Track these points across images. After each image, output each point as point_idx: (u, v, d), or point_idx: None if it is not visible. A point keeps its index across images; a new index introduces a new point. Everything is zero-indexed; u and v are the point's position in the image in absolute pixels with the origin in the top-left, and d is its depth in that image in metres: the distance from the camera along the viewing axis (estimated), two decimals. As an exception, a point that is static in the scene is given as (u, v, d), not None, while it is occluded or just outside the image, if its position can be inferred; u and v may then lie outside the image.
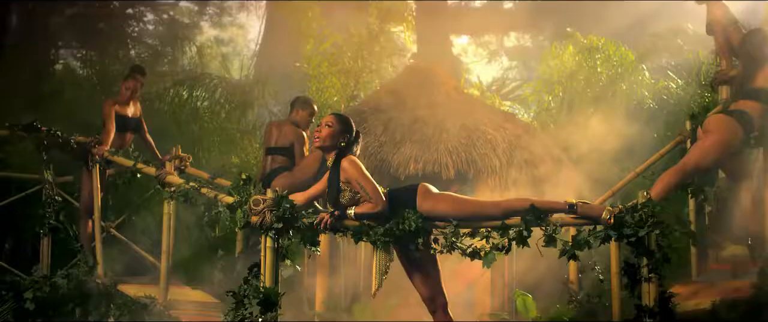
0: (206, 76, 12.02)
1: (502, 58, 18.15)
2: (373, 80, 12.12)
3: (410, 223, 4.97)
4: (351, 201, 5.01)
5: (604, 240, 4.96)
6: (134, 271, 8.31)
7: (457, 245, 5.05)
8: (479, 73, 16.99)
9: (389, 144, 8.65)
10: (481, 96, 12.05)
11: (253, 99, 12.10)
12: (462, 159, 8.37)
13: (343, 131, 5.07)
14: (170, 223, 7.35)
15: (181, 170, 7.97)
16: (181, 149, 7.99)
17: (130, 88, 7.86)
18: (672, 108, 10.33)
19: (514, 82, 17.47)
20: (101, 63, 12.94)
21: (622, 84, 10.60)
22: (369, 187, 4.92)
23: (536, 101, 12.36)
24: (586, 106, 10.76)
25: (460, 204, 5.05)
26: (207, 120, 11.50)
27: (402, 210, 4.98)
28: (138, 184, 7.94)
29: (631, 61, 10.98)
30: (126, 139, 7.92)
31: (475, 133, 8.70)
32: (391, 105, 9.28)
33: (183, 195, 6.71)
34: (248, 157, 11.17)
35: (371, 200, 4.92)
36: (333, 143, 5.07)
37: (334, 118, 5.10)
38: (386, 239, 5.00)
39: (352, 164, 4.97)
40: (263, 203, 5.05)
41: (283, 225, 5.03)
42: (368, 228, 5.02)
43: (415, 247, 5.02)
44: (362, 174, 4.96)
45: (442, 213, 5.01)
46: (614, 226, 4.91)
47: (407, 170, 8.39)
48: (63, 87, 12.58)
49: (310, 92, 11.62)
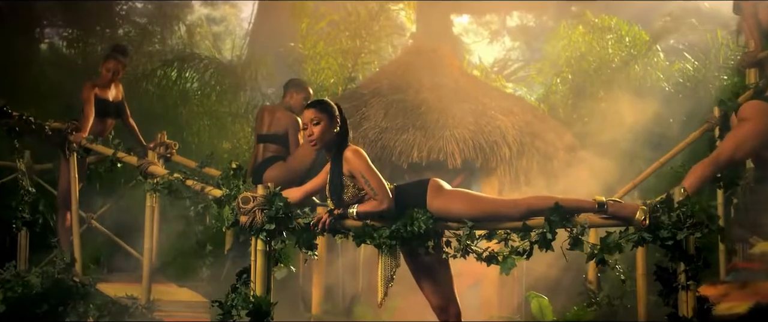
0: (196, 57, 11.43)
1: (504, 39, 17.55)
2: (372, 61, 11.58)
3: (420, 224, 4.40)
4: (354, 198, 4.45)
5: (637, 244, 4.42)
6: (119, 267, 7.86)
7: (472, 248, 4.51)
8: (480, 54, 16.42)
9: (391, 130, 8.08)
10: (485, 78, 11.44)
11: (246, 81, 11.58)
12: (469, 147, 7.80)
13: (332, 117, 4.51)
14: (154, 217, 6.82)
15: (166, 158, 7.57)
16: (166, 135, 7.54)
17: (110, 70, 7.30)
18: (688, 92, 9.78)
19: (516, 63, 16.90)
20: (85, 42, 12.31)
21: (635, 66, 10.01)
22: (375, 182, 4.36)
23: (543, 84, 11.87)
24: (596, 90, 10.21)
25: (475, 203, 4.48)
26: (196, 103, 11.02)
27: (410, 209, 4.42)
28: (123, 170, 7.41)
29: (644, 42, 10.41)
30: (106, 124, 7.39)
31: (483, 118, 8.12)
32: (392, 88, 8.69)
33: (166, 187, 6.16)
34: (240, 142, 10.73)
35: (376, 197, 4.35)
36: (331, 136, 4.50)
37: (316, 111, 4.50)
38: (392, 242, 4.43)
39: (357, 156, 4.41)
40: (253, 200, 4.48)
41: (275, 226, 4.45)
42: (372, 230, 4.45)
43: (425, 251, 4.46)
44: (368, 167, 4.39)
45: (456, 213, 4.45)
46: (649, 227, 4.35)
47: (410, 158, 7.84)
48: (45, 68, 12.02)
49: (305, 74, 11.16)
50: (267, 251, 4.51)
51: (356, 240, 4.49)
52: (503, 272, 4.50)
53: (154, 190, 6.33)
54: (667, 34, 11.37)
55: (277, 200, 4.48)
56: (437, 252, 4.54)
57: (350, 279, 7.47)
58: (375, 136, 8.01)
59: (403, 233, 4.41)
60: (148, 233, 6.45)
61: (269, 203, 4.46)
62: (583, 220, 4.43)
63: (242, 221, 4.48)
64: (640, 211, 4.36)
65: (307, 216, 4.53)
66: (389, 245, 4.43)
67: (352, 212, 4.42)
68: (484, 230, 4.50)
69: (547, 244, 4.43)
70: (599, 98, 10.11)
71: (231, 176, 6.67)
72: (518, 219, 4.45)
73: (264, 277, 4.49)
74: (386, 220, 4.42)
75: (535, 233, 4.43)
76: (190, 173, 6.11)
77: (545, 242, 4.43)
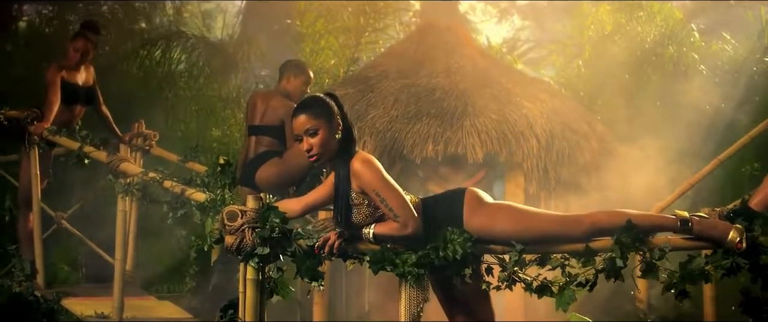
0: (183, 35, 10.48)
1: (514, 18, 16.53)
2: (377, 41, 10.67)
3: (455, 248, 3.45)
4: (369, 218, 3.48)
5: (730, 271, 3.47)
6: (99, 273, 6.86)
7: (520, 276, 3.54)
8: (488, 34, 15.47)
9: (401, 119, 7.08)
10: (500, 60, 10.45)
11: (237, 62, 10.73)
12: (492, 138, 6.79)
13: (331, 120, 3.51)
14: (129, 222, 5.89)
15: (145, 151, 6.64)
16: (149, 121, 6.89)
17: (79, 50, 6.38)
18: (727, 76, 8.83)
19: (526, 43, 15.92)
20: (64, 19, 11.32)
21: (670, 47, 9.04)
22: (395, 200, 3.39)
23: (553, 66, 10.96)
24: (624, 73, 9.26)
25: (526, 219, 3.53)
26: (183, 86, 10.22)
27: (443, 228, 3.46)
28: (99, 163, 6.48)
29: (677, 21, 9.44)
30: (75, 112, 6.52)
31: (508, 106, 7.12)
32: (402, 71, 7.67)
33: (141, 190, 5.22)
34: (231, 130, 9.95)
35: (398, 219, 3.38)
36: (334, 145, 3.51)
37: (309, 117, 3.47)
38: (420, 272, 3.47)
39: (368, 167, 3.43)
40: (242, 216, 3.50)
41: (270, 250, 3.47)
42: (394, 255, 3.48)
43: (461, 280, 3.50)
44: (383, 181, 3.42)
45: (501, 233, 3.50)
46: (746, 252, 3.41)
47: (424, 152, 6.84)
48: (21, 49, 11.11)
49: (303, 54, 10.19)
50: (259, 281, 3.53)
51: (373, 267, 3.53)
52: (560, 308, 3.54)
53: (125, 192, 5.38)
54: (703, 12, 10.35)
55: (272, 215, 3.50)
56: (476, 282, 3.58)
57: (356, 298, 6.52)
58: (383, 127, 7.02)
59: (434, 259, 3.45)
60: (120, 243, 5.48)
61: (262, 219, 3.49)
62: (663, 242, 3.49)
63: (228, 242, 3.50)
64: (735, 231, 3.42)
65: (311, 236, 3.56)
66: (416, 274, 3.47)
67: (368, 232, 3.46)
68: (536, 253, 3.54)
69: (615, 272, 3.50)
70: (626, 82, 9.17)
71: (218, 174, 5.78)
72: (580, 240, 3.50)
73: (255, 313, 3.52)
74: (412, 242, 3.46)
75: (601, 257, 3.49)
76: (168, 174, 5.15)
77: (614, 269, 3.49)
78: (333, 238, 3.49)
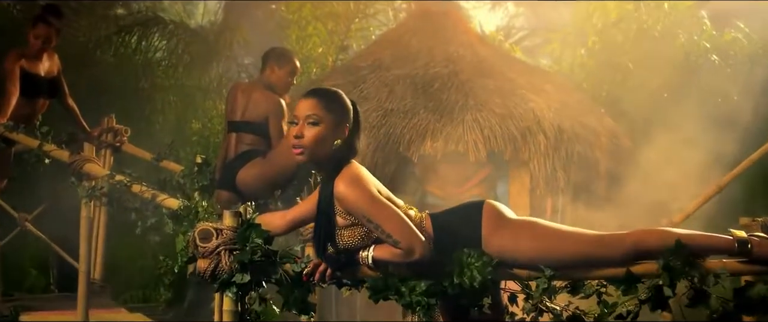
0: (161, 21, 9.88)
1: (508, 4, 15.91)
2: (368, 27, 10.25)
3: (473, 274, 2.88)
4: (366, 239, 2.90)
5: (798, 303, 2.94)
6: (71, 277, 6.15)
7: (548, 306, 2.99)
8: (481, 21, 14.86)
9: (396, 113, 6.51)
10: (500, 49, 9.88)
11: (219, 49, 10.11)
12: (497, 134, 6.22)
13: (340, 120, 2.94)
14: (97, 227, 5.33)
15: (115, 148, 6.06)
16: (124, 114, 6.59)
17: (40, 37, 5.86)
18: (741, 67, 8.31)
19: (520, 31, 15.34)
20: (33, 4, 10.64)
21: (680, 35, 8.50)
22: (391, 224, 2.81)
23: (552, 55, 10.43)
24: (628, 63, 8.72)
25: (557, 239, 2.98)
26: (161, 75, 9.66)
27: (458, 248, 2.89)
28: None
29: (687, 7, 8.90)
30: (37, 106, 6.02)
31: (512, 98, 6.55)
32: (396, 60, 7.09)
33: (106, 195, 4.64)
34: (212, 123, 9.43)
35: (399, 246, 2.80)
36: (328, 149, 2.93)
37: (318, 104, 2.91)
38: (431, 301, 2.91)
39: (353, 189, 2.83)
40: (217, 236, 2.92)
41: (251, 276, 2.89)
42: (399, 282, 2.91)
43: (479, 311, 2.94)
44: (373, 204, 2.83)
45: (527, 254, 2.96)
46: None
47: (421, 149, 6.28)
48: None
49: (288, 42, 9.74)
50: (239, 313, 2.95)
51: (374, 296, 2.96)
52: (596, 345, 2.99)
53: (89, 197, 4.79)
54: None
55: (253, 234, 2.92)
56: (496, 313, 3.02)
57: (346, 312, 5.96)
58: (377, 121, 6.44)
59: (447, 288, 2.89)
60: (84, 253, 4.91)
61: (242, 239, 2.91)
62: (718, 266, 2.95)
63: (201, 267, 2.92)
64: (805, 254, 2.89)
65: (298, 259, 2.98)
66: (426, 304, 2.90)
67: (366, 256, 2.89)
68: (568, 279, 2.99)
69: (662, 302, 2.97)
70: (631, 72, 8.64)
71: (195, 175, 5.22)
72: (620, 263, 2.97)
73: (234, 351, 2.94)
74: (420, 268, 2.88)
75: (644, 285, 2.95)
76: (136, 177, 4.56)
77: (660, 299, 2.96)
78: (323, 265, 2.91)
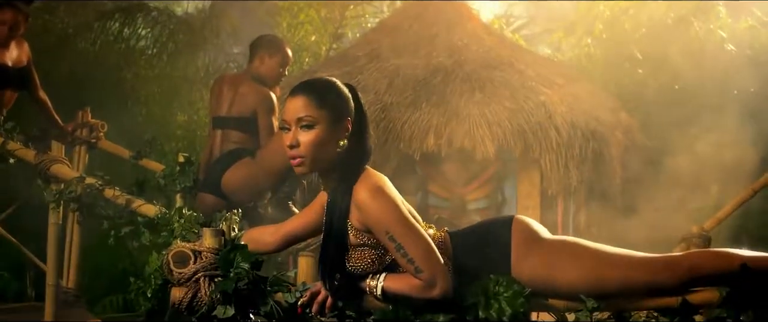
0: (144, 7, 9.43)
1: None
2: (364, 14, 9.82)
3: (502, 306, 2.42)
4: (377, 264, 2.43)
5: None
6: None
7: (589, 341, 2.54)
8: (479, 9, 14.40)
9: (397, 107, 6.06)
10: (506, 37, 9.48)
11: (205, 38, 9.62)
12: (506, 130, 5.78)
13: (339, 115, 2.43)
14: (71, 232, 4.86)
15: (91, 145, 5.58)
16: (104, 105, 6.58)
17: (6, 23, 5.33)
18: (761, 58, 7.90)
19: (519, 19, 14.90)
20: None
21: (694, 24, 8.07)
22: (416, 248, 2.35)
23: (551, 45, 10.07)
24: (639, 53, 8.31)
25: (600, 263, 2.53)
26: (144, 65, 9.18)
27: (483, 275, 2.45)
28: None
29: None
30: (4, 99, 5.44)
31: (522, 91, 6.09)
32: (396, 49, 6.63)
33: (75, 200, 4.14)
34: (198, 115, 9.07)
35: (421, 275, 2.32)
36: (331, 153, 2.44)
37: (309, 101, 2.39)
38: (452, 340, 2.45)
39: (379, 199, 2.36)
40: (195, 259, 2.44)
41: (236, 309, 2.42)
42: (413, 316, 2.44)
43: (508, 349, 2.48)
44: (401, 220, 2.36)
45: (564, 282, 2.50)
46: None
47: (424, 146, 5.86)
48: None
49: (279, 30, 9.45)
50: (222, 352, 2.48)
51: (382, 332, 2.49)
52: (645, 388, 2.54)
53: (57, 202, 4.30)
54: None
55: (238, 258, 2.45)
56: (527, 350, 2.56)
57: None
58: (375, 116, 5.98)
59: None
60: (52, 265, 4.42)
61: (225, 264, 2.43)
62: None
63: (176, 297, 2.45)
64: None
65: (291, 288, 2.51)
66: (446, 343, 2.44)
67: (375, 285, 2.41)
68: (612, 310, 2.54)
69: (724, 338, 2.50)
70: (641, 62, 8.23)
71: (177, 175, 4.75)
72: (674, 291, 2.53)
73: (215, 398, 2.47)
74: (439, 303, 2.41)
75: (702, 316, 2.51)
76: (109, 180, 4.08)
77: (722, 334, 2.50)
78: (323, 292, 2.44)
